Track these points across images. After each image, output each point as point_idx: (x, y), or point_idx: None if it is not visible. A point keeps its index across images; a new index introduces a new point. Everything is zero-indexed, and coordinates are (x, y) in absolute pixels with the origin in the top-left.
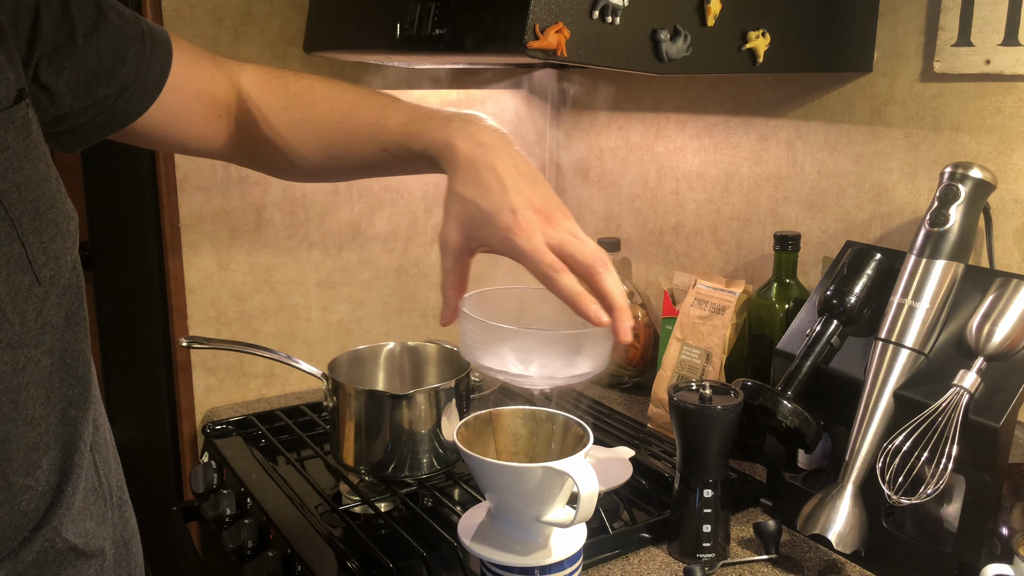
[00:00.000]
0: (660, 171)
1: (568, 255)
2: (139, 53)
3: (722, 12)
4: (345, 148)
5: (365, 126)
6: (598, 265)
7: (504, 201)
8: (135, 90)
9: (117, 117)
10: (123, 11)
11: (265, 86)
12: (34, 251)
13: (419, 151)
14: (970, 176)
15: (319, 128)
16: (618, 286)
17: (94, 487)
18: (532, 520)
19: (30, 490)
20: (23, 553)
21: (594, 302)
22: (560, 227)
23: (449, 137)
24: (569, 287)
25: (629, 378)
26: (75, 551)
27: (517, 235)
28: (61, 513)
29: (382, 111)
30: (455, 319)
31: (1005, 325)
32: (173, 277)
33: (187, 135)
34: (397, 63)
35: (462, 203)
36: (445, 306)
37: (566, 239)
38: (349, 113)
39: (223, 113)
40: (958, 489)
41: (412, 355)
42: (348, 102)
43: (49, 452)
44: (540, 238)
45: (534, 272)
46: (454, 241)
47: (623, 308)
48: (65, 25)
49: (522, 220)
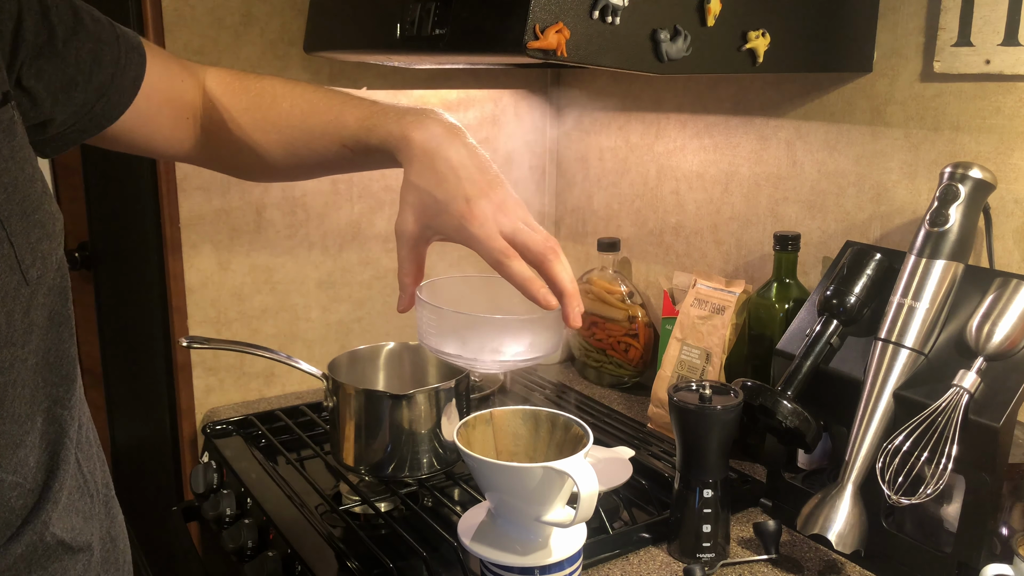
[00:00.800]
0: (660, 171)
1: (520, 243)
2: (114, 58)
3: (722, 12)
4: (305, 146)
5: (324, 123)
6: (548, 253)
7: (458, 190)
8: (111, 95)
9: (94, 122)
10: (98, 16)
11: (228, 88)
12: (22, 252)
13: (376, 145)
14: (970, 176)
15: (280, 127)
16: (568, 273)
17: (79, 484)
18: (532, 520)
19: (18, 487)
20: (13, 548)
21: (544, 286)
22: (512, 216)
23: (404, 130)
24: (519, 272)
25: (629, 378)
26: (63, 546)
27: (470, 223)
28: (49, 508)
29: (340, 108)
30: (412, 306)
31: (1005, 325)
32: (173, 277)
33: (156, 138)
34: (397, 63)
35: (417, 193)
36: (402, 293)
37: (518, 227)
38: (308, 111)
39: (190, 116)
40: (958, 489)
41: (412, 355)
42: (307, 101)
43: (35, 449)
44: (493, 226)
45: (486, 258)
46: (410, 230)
47: (573, 294)
48: (45, 30)
49: (475, 209)
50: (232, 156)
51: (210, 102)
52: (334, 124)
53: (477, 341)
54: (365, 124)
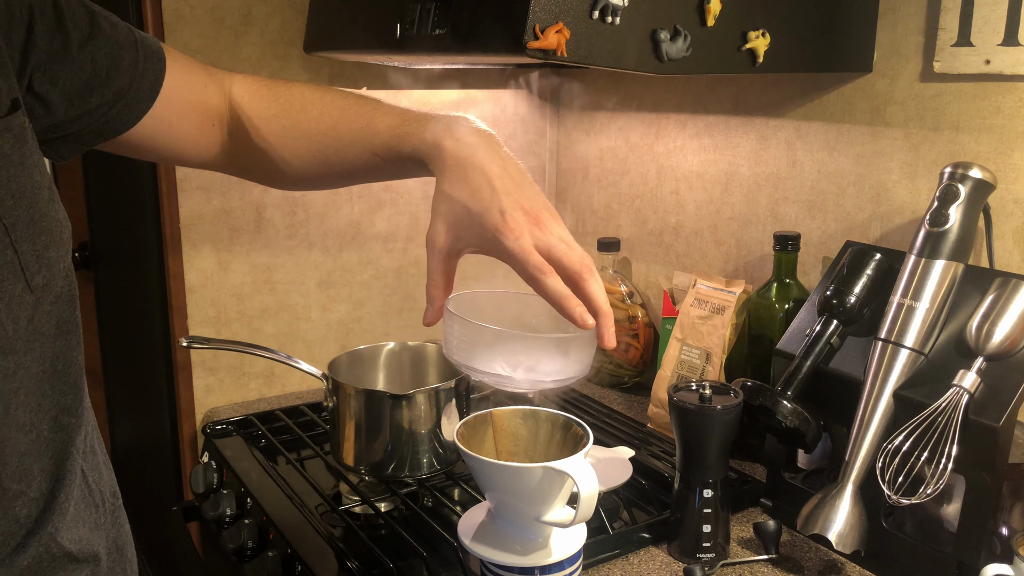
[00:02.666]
0: (660, 171)
1: (555, 259)
2: (133, 63)
3: (722, 12)
4: (335, 154)
5: (354, 131)
6: (584, 271)
7: (493, 202)
8: (129, 99)
9: (110, 126)
10: (116, 22)
11: (256, 95)
12: (27, 258)
13: (408, 153)
14: (970, 176)
15: (310, 134)
16: (603, 292)
17: (85, 494)
18: (532, 520)
19: (23, 496)
20: (19, 559)
21: (580, 305)
22: (548, 230)
23: (437, 138)
24: (556, 289)
25: (629, 378)
26: (69, 556)
27: (505, 236)
28: (55, 519)
29: (371, 115)
30: (439, 319)
31: (1005, 325)
32: (173, 277)
33: (180, 145)
34: (397, 63)
35: (450, 203)
36: (429, 306)
37: (554, 243)
38: (339, 119)
39: (216, 123)
40: (958, 489)
41: (412, 355)
42: (338, 108)
43: (41, 458)
44: (528, 240)
45: (521, 273)
46: (441, 241)
47: (608, 313)
48: (59, 35)
49: (511, 221)
50: (260, 164)
51: (237, 109)
52: (365, 132)
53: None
54: (397, 132)
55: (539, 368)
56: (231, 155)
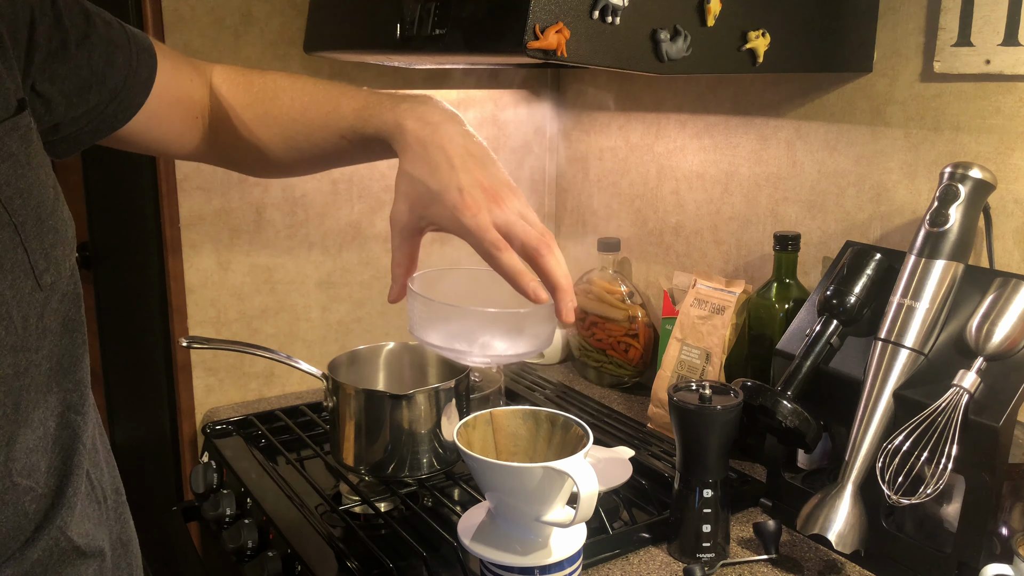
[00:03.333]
0: (660, 171)
1: (514, 235)
2: (127, 60)
3: (722, 12)
4: (305, 139)
5: (323, 115)
6: (542, 247)
7: (452, 180)
8: (124, 96)
9: (106, 123)
10: (109, 19)
11: (233, 84)
12: (36, 257)
13: (371, 134)
14: (970, 176)
15: (282, 121)
16: (562, 267)
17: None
18: (532, 520)
19: (31, 491)
20: (28, 552)
21: (534, 279)
22: (507, 207)
23: (399, 118)
24: (510, 264)
25: (629, 378)
26: (77, 551)
27: (463, 213)
28: (64, 513)
29: (338, 99)
30: (403, 297)
31: (1005, 325)
32: (173, 277)
33: (167, 138)
34: (397, 63)
35: (411, 182)
36: (393, 284)
37: (512, 219)
38: (308, 104)
39: (199, 115)
40: (958, 489)
41: (412, 355)
42: (308, 93)
43: (48, 455)
44: (486, 216)
45: (478, 249)
46: (403, 219)
47: (566, 288)
48: (58, 34)
49: (468, 199)
50: (236, 152)
51: (216, 99)
52: (332, 115)
53: (467, 334)
54: (361, 114)
55: (497, 343)
56: (212, 145)
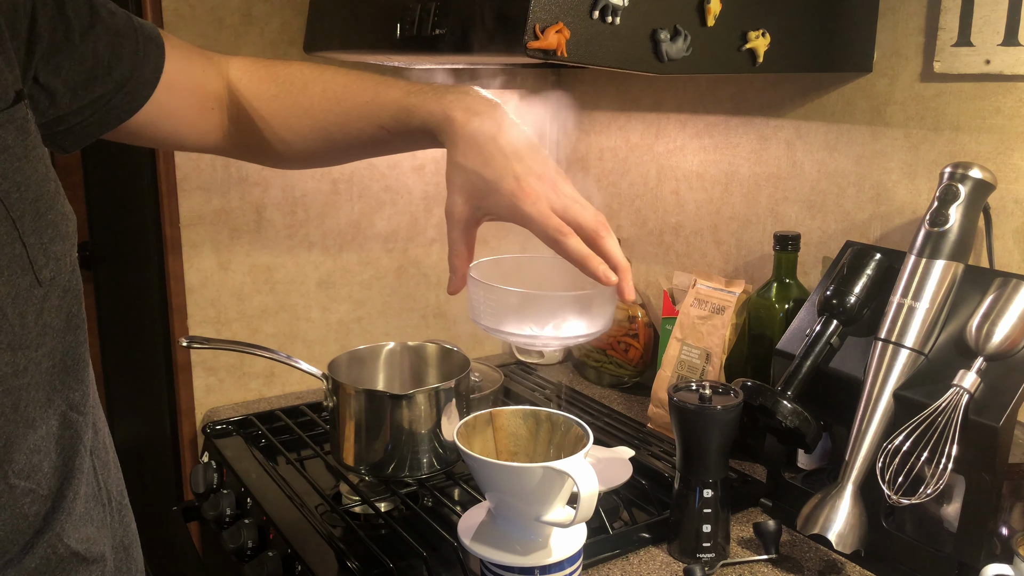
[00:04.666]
0: (660, 171)
1: (572, 219)
2: (133, 50)
3: (722, 12)
4: (340, 129)
5: (360, 105)
6: (600, 229)
7: (507, 169)
8: (131, 87)
9: (113, 115)
10: (115, 9)
11: (255, 76)
12: (35, 252)
13: (417, 125)
14: (970, 176)
15: (313, 112)
16: (618, 248)
17: (94, 492)
18: (532, 520)
19: (31, 493)
20: (26, 560)
21: (602, 263)
22: (562, 192)
23: (446, 109)
24: (577, 249)
25: (629, 378)
26: (77, 557)
27: (522, 201)
28: (63, 518)
29: (376, 89)
30: (463, 287)
31: (1005, 325)
32: (173, 277)
33: (182, 131)
34: (397, 63)
35: (465, 174)
36: (453, 275)
37: (568, 204)
38: (342, 94)
39: (215, 107)
40: (958, 489)
41: (412, 355)
42: (340, 84)
43: (50, 455)
44: (545, 203)
45: (541, 236)
46: (460, 211)
47: (626, 268)
48: (61, 25)
49: (526, 186)
50: (262, 144)
51: (236, 92)
52: (371, 105)
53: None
54: (403, 104)
55: (565, 326)
56: (232, 138)
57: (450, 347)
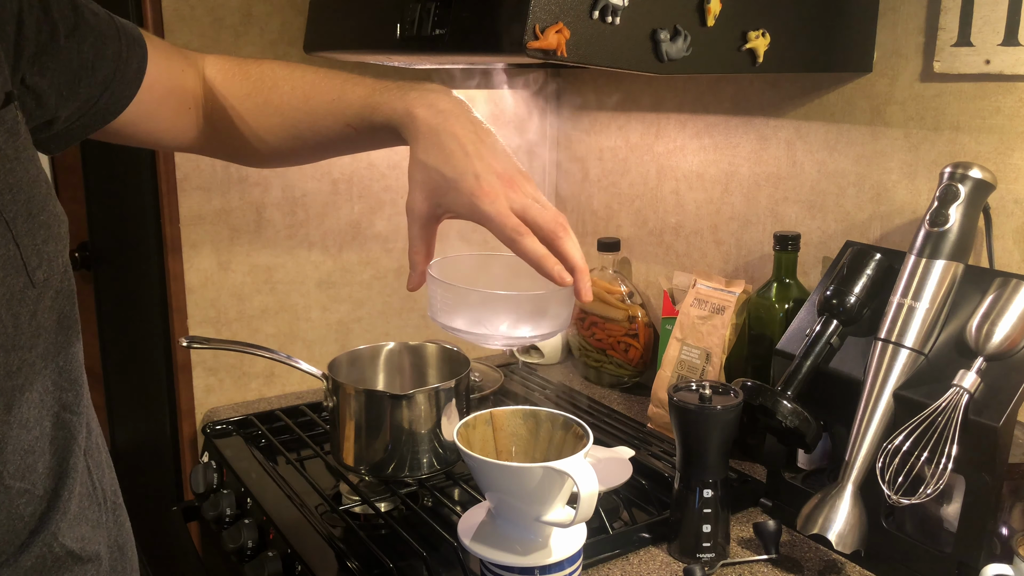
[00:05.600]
0: (660, 171)
1: (531, 219)
2: (116, 51)
3: (722, 12)
4: (308, 127)
5: (327, 103)
6: (559, 230)
7: (467, 167)
8: (115, 88)
9: (98, 116)
10: (97, 10)
11: (228, 74)
12: (28, 253)
13: (381, 122)
14: (970, 176)
15: (283, 110)
16: (578, 249)
17: (89, 492)
18: (532, 520)
19: (27, 493)
20: (22, 559)
21: (558, 263)
22: (522, 191)
23: (409, 106)
24: (534, 249)
25: (629, 378)
26: (72, 556)
27: (481, 200)
28: (58, 518)
29: (342, 87)
30: (422, 284)
31: (1005, 325)
32: (173, 277)
33: (160, 130)
34: (397, 63)
35: (426, 170)
36: (412, 271)
37: (528, 203)
38: (310, 92)
39: (192, 105)
40: (958, 489)
41: (412, 355)
42: (309, 82)
43: (44, 456)
44: (504, 203)
45: (499, 235)
46: (420, 208)
47: (583, 269)
48: (47, 27)
49: (485, 185)
50: (235, 143)
51: (211, 90)
52: (337, 103)
53: (490, 318)
54: (368, 102)
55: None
56: (207, 137)
57: (450, 347)
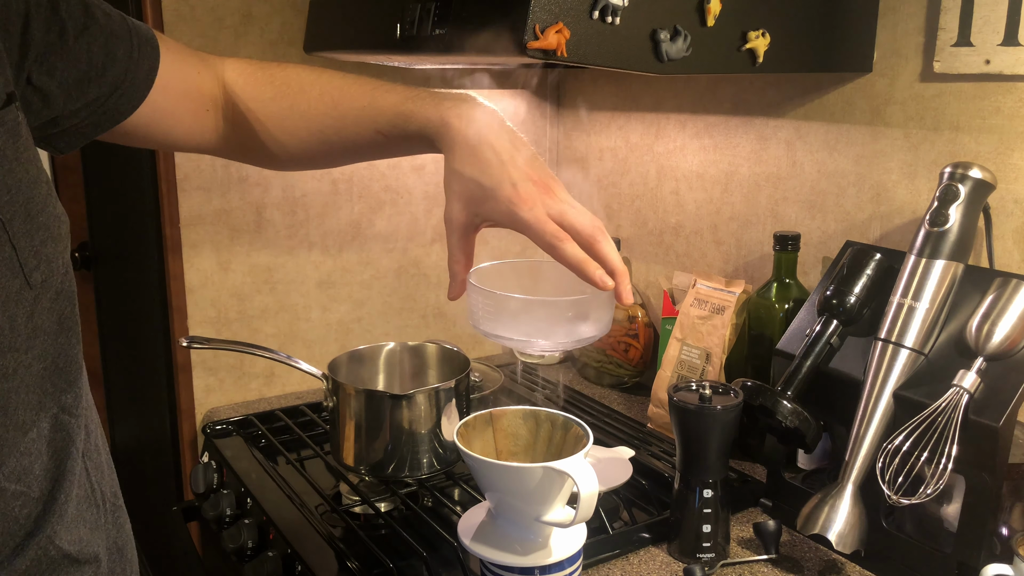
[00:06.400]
0: (660, 171)
1: (568, 224)
2: (128, 52)
3: (722, 12)
4: (336, 133)
5: (357, 109)
6: (597, 234)
7: (504, 175)
8: (125, 88)
9: (108, 116)
10: (109, 10)
11: (251, 78)
12: (25, 255)
13: (414, 131)
14: (970, 176)
15: (309, 115)
16: (615, 252)
17: (87, 494)
18: (532, 520)
19: (22, 496)
20: (17, 562)
21: (599, 268)
22: (558, 198)
23: (444, 116)
24: (574, 254)
25: (629, 378)
26: (69, 559)
27: (519, 207)
28: (54, 521)
29: (372, 94)
30: (463, 292)
31: (1005, 325)
32: (173, 277)
33: (176, 131)
34: (397, 63)
35: (463, 181)
36: (453, 281)
37: (565, 209)
38: (339, 98)
39: (210, 108)
40: (958, 489)
41: (412, 355)
42: (337, 88)
43: (41, 458)
44: (541, 209)
45: (539, 242)
46: (458, 218)
47: (623, 272)
48: (55, 26)
49: (523, 193)
50: (257, 146)
51: (232, 93)
52: (368, 110)
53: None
54: (401, 110)
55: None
56: (227, 139)
57: (450, 347)
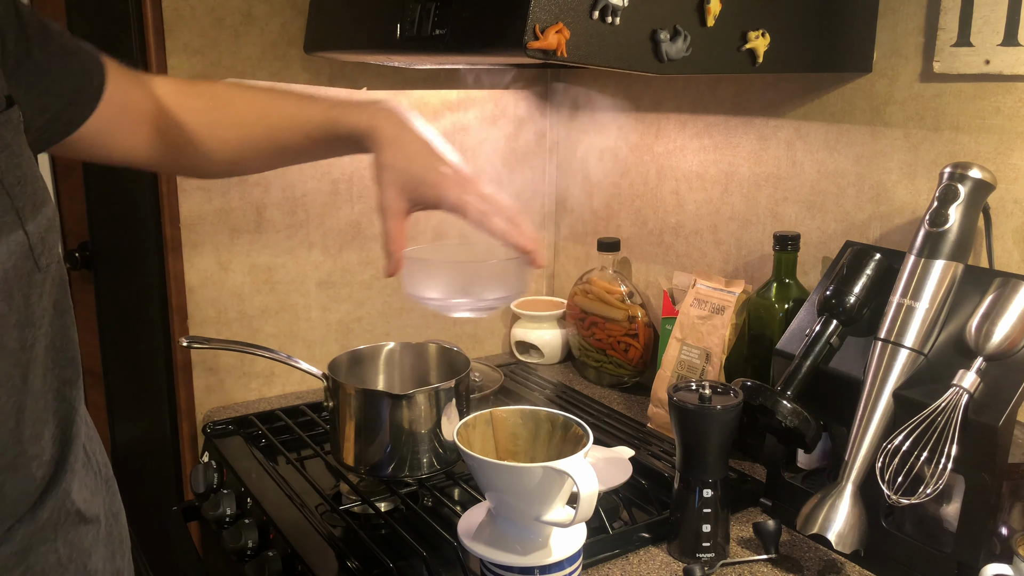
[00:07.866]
0: (660, 171)
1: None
2: (80, 66)
3: (722, 12)
4: (267, 139)
5: (286, 117)
6: (514, 210)
7: (432, 164)
8: (78, 102)
9: (60, 129)
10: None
11: (180, 93)
12: (34, 240)
13: (344, 134)
14: (969, 176)
15: (239, 123)
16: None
17: (85, 462)
18: (532, 520)
19: (38, 458)
20: (39, 513)
21: (523, 234)
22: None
23: (371, 120)
24: (500, 225)
25: (629, 378)
26: (79, 515)
27: (449, 189)
28: (68, 477)
29: (299, 103)
30: (399, 269)
31: (1004, 325)
32: (173, 277)
33: (115, 145)
34: (397, 63)
35: (395, 172)
36: (389, 260)
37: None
38: (268, 108)
39: (144, 122)
40: (958, 489)
41: (412, 355)
42: (264, 99)
43: (49, 425)
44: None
45: (469, 215)
46: (395, 205)
47: (540, 241)
48: (24, 41)
49: (450, 177)
50: (189, 156)
51: (163, 107)
52: (297, 117)
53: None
54: (330, 115)
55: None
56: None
57: (450, 347)
